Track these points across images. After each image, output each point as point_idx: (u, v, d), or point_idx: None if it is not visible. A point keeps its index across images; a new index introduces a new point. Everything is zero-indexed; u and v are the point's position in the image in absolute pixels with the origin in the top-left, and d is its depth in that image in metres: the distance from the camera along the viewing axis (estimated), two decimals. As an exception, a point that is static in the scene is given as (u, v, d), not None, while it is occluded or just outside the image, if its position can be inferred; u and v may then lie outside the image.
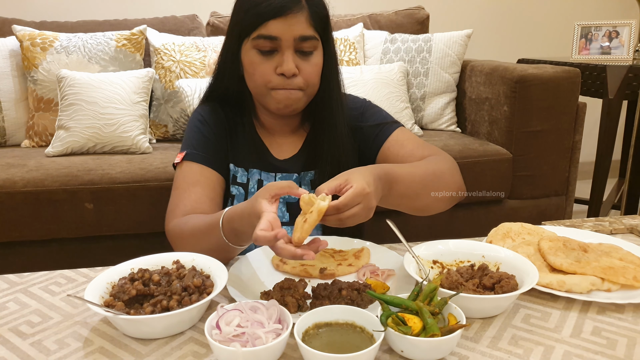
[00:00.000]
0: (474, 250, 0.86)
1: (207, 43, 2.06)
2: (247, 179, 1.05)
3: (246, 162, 1.05)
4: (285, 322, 0.66)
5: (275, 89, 0.94)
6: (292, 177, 1.04)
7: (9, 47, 1.99)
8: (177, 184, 1.00)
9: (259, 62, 0.93)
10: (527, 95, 1.81)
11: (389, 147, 1.03)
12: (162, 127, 2.05)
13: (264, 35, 0.90)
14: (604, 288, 0.79)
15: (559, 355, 0.65)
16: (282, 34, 0.89)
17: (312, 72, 0.95)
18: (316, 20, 0.92)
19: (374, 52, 2.23)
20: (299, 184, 1.03)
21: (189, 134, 1.05)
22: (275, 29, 0.89)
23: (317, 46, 0.95)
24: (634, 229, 1.04)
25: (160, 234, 1.64)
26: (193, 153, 1.01)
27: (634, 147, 2.28)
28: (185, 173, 1.00)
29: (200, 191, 0.96)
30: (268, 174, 1.04)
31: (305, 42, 0.92)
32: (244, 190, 1.04)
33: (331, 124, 1.01)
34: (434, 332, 0.62)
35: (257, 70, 0.93)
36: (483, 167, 1.81)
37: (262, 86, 0.95)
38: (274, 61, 0.92)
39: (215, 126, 1.04)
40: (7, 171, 1.58)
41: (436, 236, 0.92)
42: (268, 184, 0.74)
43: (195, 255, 0.83)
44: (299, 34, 0.90)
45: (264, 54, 0.92)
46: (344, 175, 0.75)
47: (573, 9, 3.03)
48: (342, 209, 0.71)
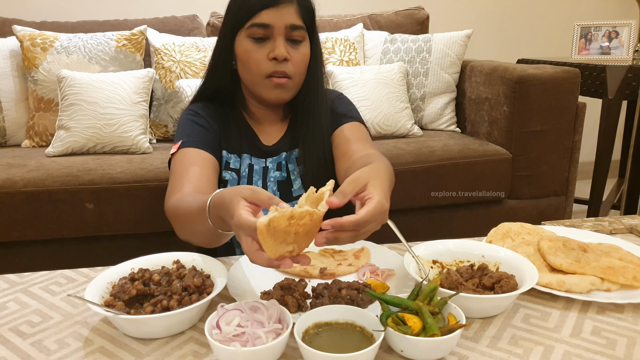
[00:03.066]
0: (474, 250, 0.87)
1: (207, 43, 2.06)
2: (239, 164, 1.10)
3: (238, 149, 1.10)
4: (285, 322, 0.66)
5: (269, 77, 1.00)
6: (281, 158, 1.11)
7: (9, 47, 1.99)
8: (175, 167, 1.01)
9: (252, 49, 0.99)
10: (527, 95, 1.81)
11: (336, 136, 1.09)
12: (162, 127, 2.05)
13: (257, 24, 0.98)
14: (604, 288, 0.79)
15: (558, 355, 0.65)
16: (274, 21, 0.97)
17: (300, 62, 1.02)
18: (304, 13, 1.01)
19: (374, 52, 2.23)
20: (286, 163, 1.10)
21: (182, 127, 1.08)
22: (267, 17, 0.97)
23: (305, 37, 1.02)
24: (634, 229, 1.04)
25: (161, 234, 1.65)
26: (189, 140, 1.03)
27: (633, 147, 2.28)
28: (183, 157, 1.01)
29: (198, 170, 0.98)
30: (258, 159, 1.11)
31: (295, 30, 0.99)
32: (237, 175, 1.09)
33: (312, 111, 1.08)
34: (433, 332, 0.62)
35: (251, 57, 1.00)
36: (483, 167, 1.81)
37: (256, 74, 1.01)
38: (266, 48, 0.99)
39: (208, 116, 1.09)
40: (8, 171, 1.58)
41: (436, 236, 0.92)
42: (253, 187, 0.69)
43: (196, 255, 0.83)
44: (290, 22, 0.98)
45: (257, 42, 0.99)
46: (362, 179, 0.70)
47: (573, 9, 3.03)
48: (362, 225, 0.64)
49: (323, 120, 1.08)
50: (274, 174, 1.10)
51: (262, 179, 1.10)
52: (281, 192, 1.10)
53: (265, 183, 1.10)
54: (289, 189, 1.10)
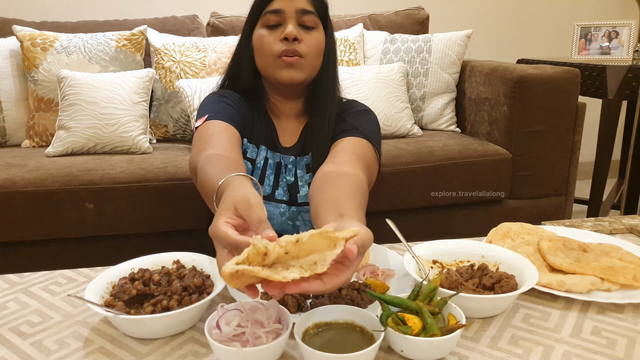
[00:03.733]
0: (474, 250, 0.87)
1: (207, 43, 2.06)
2: (256, 155, 1.11)
3: (257, 139, 1.11)
4: (285, 322, 0.66)
5: (279, 57, 1.01)
6: (289, 159, 1.11)
7: (9, 47, 1.99)
8: (201, 134, 0.97)
9: (265, 34, 1.03)
10: (527, 95, 1.81)
11: (334, 146, 1.04)
12: (162, 127, 2.05)
13: (270, 11, 1.02)
14: (604, 288, 0.79)
15: (558, 355, 0.65)
16: (285, 6, 1.02)
17: (313, 44, 1.03)
18: (316, 3, 1.04)
19: (374, 52, 2.23)
20: (295, 167, 1.11)
21: (208, 104, 1.05)
22: (279, 4, 1.02)
23: (318, 24, 1.05)
24: (634, 229, 1.04)
25: (161, 234, 1.65)
26: (216, 114, 1.02)
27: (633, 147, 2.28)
28: (209, 127, 0.98)
29: (227, 137, 0.96)
30: (274, 153, 1.11)
31: (306, 15, 1.02)
32: (252, 165, 1.10)
33: (324, 117, 1.07)
34: (433, 332, 0.62)
35: (264, 42, 1.03)
36: (483, 167, 1.81)
37: (268, 54, 1.03)
38: (279, 32, 1.02)
39: (235, 100, 1.09)
40: (8, 171, 1.58)
41: (436, 236, 0.92)
42: (252, 202, 0.63)
43: (196, 255, 0.83)
44: (300, 6, 1.02)
45: (271, 28, 1.03)
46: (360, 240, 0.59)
47: (573, 9, 3.03)
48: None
49: (331, 120, 1.07)
50: (285, 177, 1.11)
51: (275, 174, 1.10)
52: (290, 194, 1.11)
53: (277, 180, 1.10)
54: (295, 194, 1.10)
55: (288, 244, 0.55)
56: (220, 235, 0.60)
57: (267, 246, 0.54)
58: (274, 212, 1.10)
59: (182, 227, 1.63)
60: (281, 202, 1.10)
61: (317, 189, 0.85)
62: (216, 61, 2.02)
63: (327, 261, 0.56)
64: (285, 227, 1.11)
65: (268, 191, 1.10)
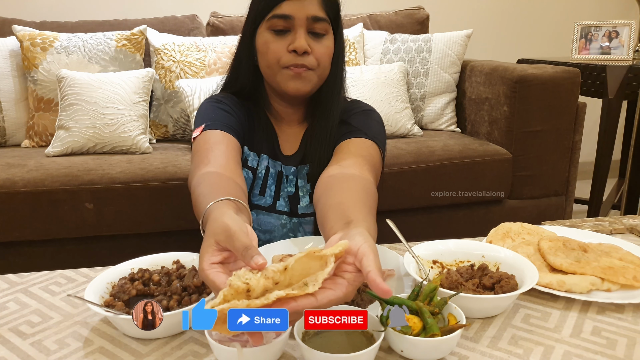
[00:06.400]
0: (474, 250, 0.87)
1: (207, 43, 2.06)
2: (257, 164, 1.06)
3: (258, 147, 1.06)
4: (285, 322, 0.66)
5: (286, 67, 0.95)
6: (290, 170, 1.06)
7: (9, 47, 1.99)
8: (199, 147, 0.94)
9: (272, 40, 0.95)
10: (527, 95, 1.81)
11: (338, 147, 1.01)
12: (162, 127, 2.05)
13: (278, 15, 0.93)
14: (604, 288, 0.79)
15: (558, 355, 0.65)
16: (295, 12, 0.93)
17: (323, 53, 0.96)
18: (328, 5, 0.96)
19: (374, 52, 2.23)
20: (295, 177, 1.06)
21: (205, 112, 1.02)
22: (288, 8, 0.93)
23: (328, 30, 0.97)
24: (634, 229, 1.04)
25: (161, 234, 1.65)
26: (213, 123, 0.98)
27: (633, 147, 2.28)
28: (207, 137, 0.95)
29: (224, 149, 0.93)
30: (275, 162, 1.07)
31: (317, 23, 0.94)
32: (253, 174, 1.05)
33: (326, 124, 1.02)
34: (433, 332, 0.62)
35: (269, 48, 0.95)
36: (483, 167, 1.81)
37: (274, 64, 0.96)
38: (286, 40, 0.94)
39: (233, 105, 1.04)
40: (7, 171, 1.58)
41: (436, 236, 0.92)
42: (232, 230, 0.60)
43: (196, 255, 0.83)
44: (312, 13, 0.93)
45: (278, 34, 0.95)
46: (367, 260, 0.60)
47: (573, 9, 3.03)
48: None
49: (334, 126, 1.02)
50: (286, 187, 1.06)
51: (276, 184, 1.06)
52: (291, 206, 1.07)
53: (278, 190, 1.06)
54: (296, 205, 1.06)
55: (275, 273, 0.52)
56: (208, 283, 0.58)
57: (248, 282, 0.51)
58: (275, 224, 1.06)
59: (182, 227, 1.63)
60: (282, 214, 1.06)
61: (323, 194, 0.82)
62: (216, 61, 2.02)
63: (318, 281, 0.53)
64: (287, 239, 1.08)
65: (269, 202, 1.06)
